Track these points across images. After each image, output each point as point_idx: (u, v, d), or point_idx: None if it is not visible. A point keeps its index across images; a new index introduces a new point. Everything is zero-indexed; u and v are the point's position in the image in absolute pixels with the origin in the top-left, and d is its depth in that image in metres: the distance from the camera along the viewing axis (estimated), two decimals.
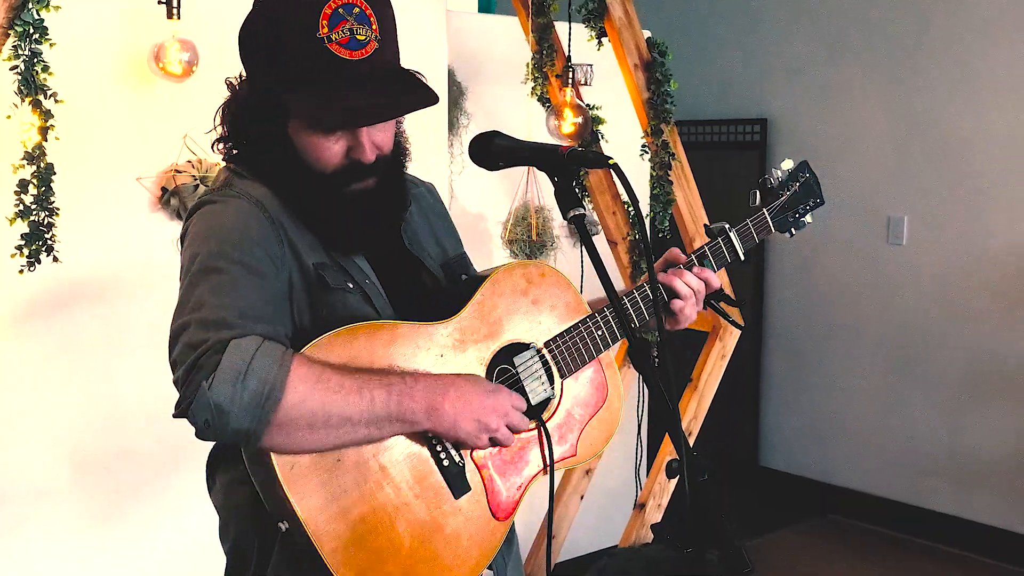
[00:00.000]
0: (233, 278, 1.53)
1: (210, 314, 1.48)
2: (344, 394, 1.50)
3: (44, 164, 2.59)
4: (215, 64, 3.13)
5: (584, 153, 1.59)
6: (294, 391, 1.46)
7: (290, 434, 1.48)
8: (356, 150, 1.63)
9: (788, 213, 2.04)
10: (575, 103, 3.56)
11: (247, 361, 1.43)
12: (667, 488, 3.82)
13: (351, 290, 1.65)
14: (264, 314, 1.53)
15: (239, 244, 1.56)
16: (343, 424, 1.50)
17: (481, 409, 1.61)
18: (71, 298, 3.03)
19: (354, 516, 1.57)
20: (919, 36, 4.84)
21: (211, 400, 1.42)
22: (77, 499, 3.10)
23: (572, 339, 1.80)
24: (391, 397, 1.53)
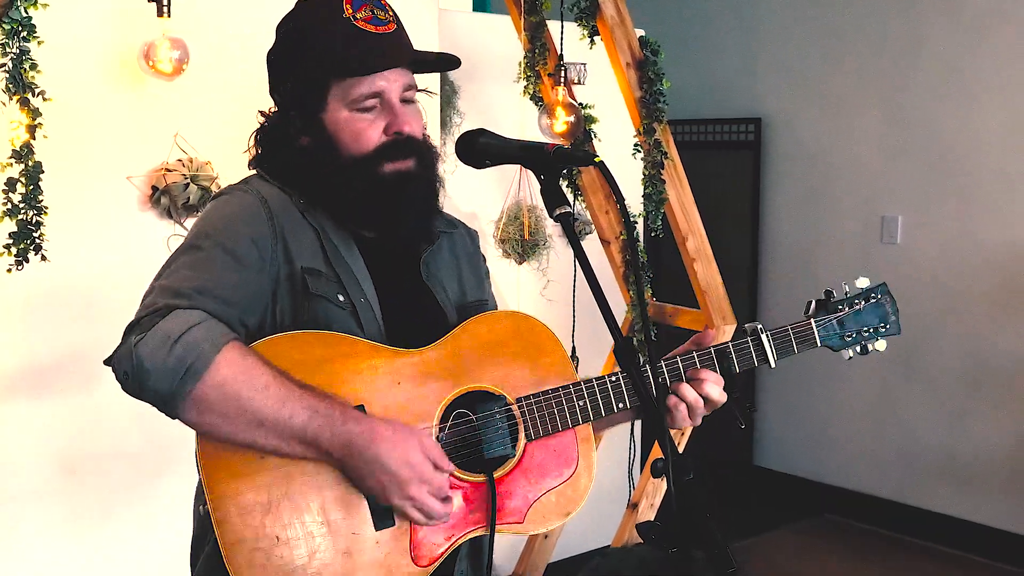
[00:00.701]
0: (209, 257, 1.58)
1: (172, 283, 1.55)
2: (265, 396, 1.50)
3: (32, 162, 2.58)
4: (206, 63, 3.12)
5: (570, 151, 1.58)
6: (216, 372, 1.48)
7: (202, 414, 1.50)
8: (394, 123, 1.67)
9: (846, 332, 1.90)
10: (567, 102, 3.55)
11: (183, 330, 1.47)
12: (660, 488, 3.81)
13: (339, 303, 1.65)
14: (225, 296, 1.56)
15: (226, 229, 1.62)
16: (254, 426, 1.50)
17: (392, 477, 1.54)
18: (60, 297, 3.01)
19: (261, 519, 1.54)
20: (912, 36, 4.83)
21: (134, 355, 1.47)
22: (66, 500, 3.09)
23: (548, 401, 1.71)
24: (310, 424, 1.52)
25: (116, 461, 3.17)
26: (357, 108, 1.66)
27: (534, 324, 1.76)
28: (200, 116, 3.19)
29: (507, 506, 1.68)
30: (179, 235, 3.17)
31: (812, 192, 5.28)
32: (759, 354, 1.83)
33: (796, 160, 5.35)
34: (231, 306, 1.56)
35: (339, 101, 1.66)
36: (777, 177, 5.43)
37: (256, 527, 1.54)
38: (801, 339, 1.88)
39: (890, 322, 1.93)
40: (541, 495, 1.71)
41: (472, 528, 1.66)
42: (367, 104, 1.67)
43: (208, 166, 3.16)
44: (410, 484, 1.55)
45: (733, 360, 1.80)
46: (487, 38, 4.09)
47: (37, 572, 3.05)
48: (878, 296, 1.92)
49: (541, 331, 1.76)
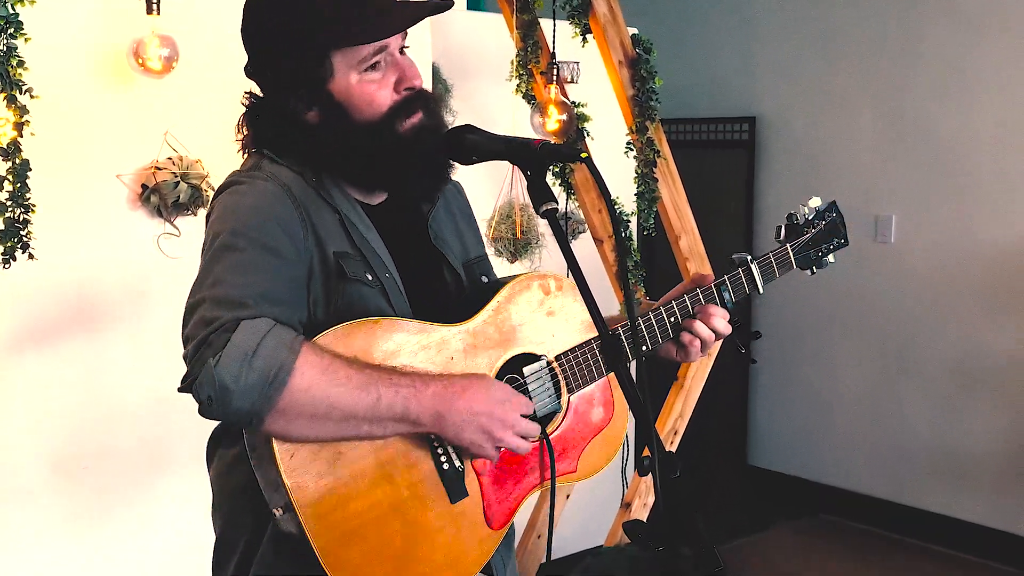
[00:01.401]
0: (252, 258, 1.53)
1: (225, 292, 1.49)
2: (350, 388, 1.49)
3: (20, 160, 2.57)
4: (195, 60, 3.11)
5: (556, 147, 1.57)
6: (301, 377, 1.45)
7: (291, 421, 1.47)
8: (404, 78, 1.65)
9: (811, 251, 2.04)
10: (560, 100, 3.54)
11: (257, 342, 1.43)
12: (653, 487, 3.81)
13: (369, 283, 1.64)
14: (280, 297, 1.53)
15: (261, 225, 1.56)
16: (346, 418, 1.50)
17: (489, 420, 1.59)
18: (47, 296, 3.00)
19: (350, 511, 1.55)
20: (908, 35, 4.83)
21: (216, 377, 1.41)
22: (58, 499, 3.08)
23: (583, 354, 1.78)
24: (397, 397, 1.52)
25: (110, 460, 3.16)
26: (364, 69, 1.62)
27: (562, 282, 1.81)
28: (190, 114, 3.18)
29: (562, 458, 1.77)
30: (169, 233, 3.15)
31: (806, 191, 5.25)
32: (749, 283, 1.95)
33: (790, 159, 5.34)
34: (287, 306, 1.53)
35: (345, 66, 1.61)
36: (771, 176, 5.43)
37: (343, 519, 1.55)
38: (781, 264, 2.00)
39: (842, 236, 2.08)
40: (588, 443, 1.82)
41: (533, 484, 1.74)
42: (375, 61, 1.62)
43: (198, 164, 3.14)
44: (506, 414, 1.60)
45: (731, 292, 1.92)
46: (480, 36, 4.08)
47: (33, 572, 3.04)
48: (833, 214, 2.06)
49: (568, 288, 1.81)
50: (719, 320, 1.88)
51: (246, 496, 1.62)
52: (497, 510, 1.70)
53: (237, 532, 1.68)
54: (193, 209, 3.14)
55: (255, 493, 1.58)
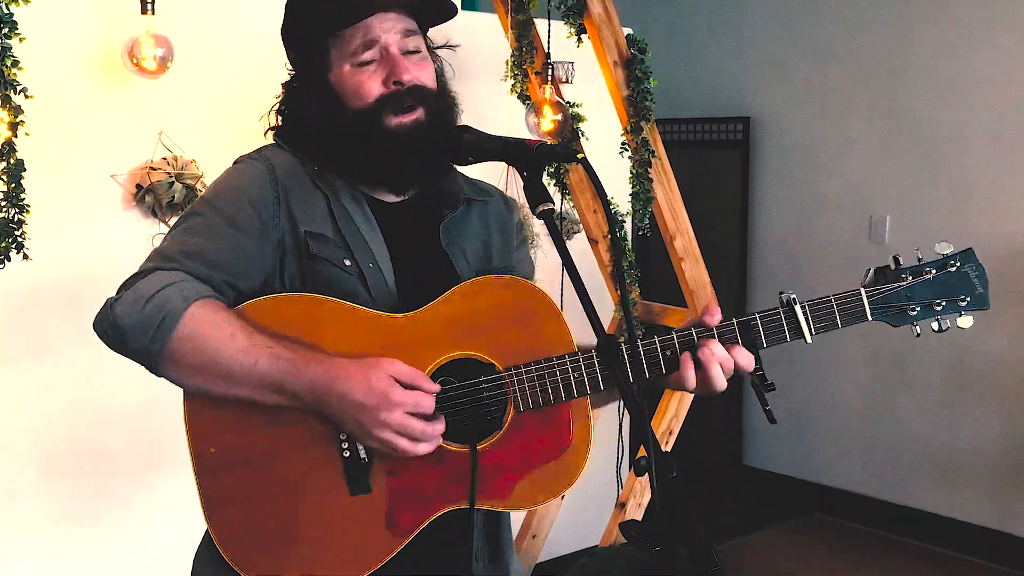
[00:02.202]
0: (207, 222, 1.61)
1: (164, 248, 1.59)
2: (230, 347, 1.51)
3: (14, 160, 2.56)
4: (190, 60, 3.11)
5: (552, 147, 1.56)
6: (184, 325, 1.50)
7: (178, 368, 1.53)
8: (393, 72, 1.65)
9: (910, 304, 1.66)
10: (555, 100, 3.54)
11: (158, 289, 1.51)
12: (648, 487, 3.81)
13: (346, 268, 1.63)
14: (218, 261, 1.58)
15: (228, 197, 1.63)
16: (224, 377, 1.53)
17: (363, 412, 1.49)
18: (42, 296, 3.00)
19: (238, 473, 1.56)
20: (902, 36, 4.83)
21: (110, 313, 1.53)
22: (48, 500, 3.07)
23: (541, 373, 1.60)
24: (273, 368, 1.51)
25: (98, 461, 3.15)
26: (357, 63, 1.65)
27: (534, 291, 1.65)
28: (185, 114, 3.18)
29: (491, 480, 1.60)
30: (163, 234, 3.15)
31: (801, 191, 5.28)
32: (792, 327, 1.62)
33: (785, 159, 5.35)
34: (218, 269, 1.57)
35: (339, 58, 1.66)
36: (766, 176, 5.43)
37: (236, 486, 1.56)
38: (846, 310, 1.64)
39: (975, 294, 1.68)
40: (529, 471, 1.61)
41: (453, 501, 1.59)
42: (365, 57, 1.64)
43: (193, 164, 3.14)
44: (379, 410, 1.48)
45: (760, 333, 1.62)
46: (475, 36, 4.07)
47: (26, 573, 3.03)
48: (958, 264, 1.67)
49: (541, 299, 1.64)
50: (740, 352, 1.62)
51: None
52: (403, 516, 1.58)
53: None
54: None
55: None
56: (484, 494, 1.60)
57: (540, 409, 1.61)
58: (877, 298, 1.63)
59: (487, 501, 1.61)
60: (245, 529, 1.57)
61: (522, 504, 1.63)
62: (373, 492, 1.57)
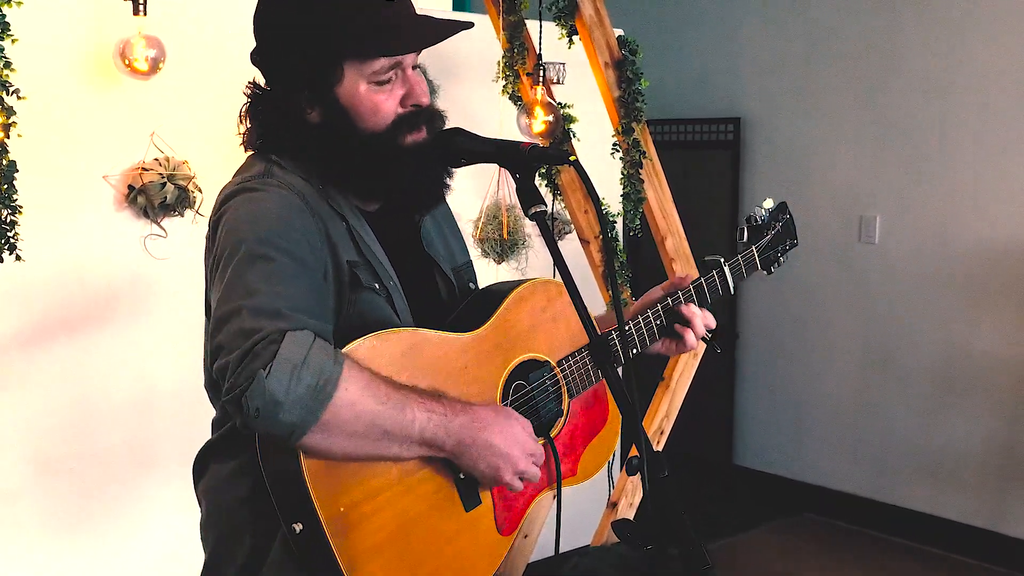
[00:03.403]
0: (282, 267, 1.50)
1: (263, 303, 1.45)
2: (389, 407, 1.48)
3: (6, 161, 2.56)
4: (182, 61, 3.11)
5: (545, 150, 1.58)
6: (345, 391, 1.43)
7: (330, 436, 1.45)
8: (411, 94, 1.64)
9: (771, 252, 2.10)
10: (546, 101, 3.55)
11: (304, 354, 1.41)
12: (639, 486, 3.82)
13: (377, 291, 1.63)
14: (312, 308, 1.50)
15: (286, 234, 1.54)
16: (381, 437, 1.49)
17: (503, 458, 1.61)
18: (35, 297, 3.00)
19: (373, 524, 1.55)
20: (892, 37, 4.85)
21: (267, 388, 1.38)
22: (41, 501, 3.07)
23: (583, 359, 1.82)
24: (429, 423, 1.53)
25: (92, 462, 3.15)
26: (376, 81, 1.61)
27: (559, 288, 1.83)
28: (177, 115, 3.18)
29: (563, 462, 1.80)
30: (156, 235, 3.15)
31: (791, 192, 5.29)
32: (723, 285, 2.01)
33: (775, 160, 5.37)
34: (319, 317, 1.51)
35: (356, 74, 1.60)
36: (756, 177, 5.45)
37: (368, 532, 1.54)
38: (748, 266, 2.07)
39: (794, 236, 2.15)
40: (586, 446, 1.86)
41: (539, 489, 1.77)
42: (386, 77, 1.62)
43: (185, 165, 3.14)
44: (520, 460, 1.63)
45: (706, 294, 1.98)
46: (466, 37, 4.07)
47: (17, 573, 3.03)
48: (787, 215, 2.13)
49: (564, 293, 1.74)
50: (707, 314, 1.96)
51: (246, 509, 1.61)
52: (506, 516, 1.72)
53: (235, 545, 1.65)
54: (180, 210, 3.14)
55: (258, 506, 1.56)
56: (562, 474, 1.79)
57: (586, 391, 1.85)
58: (761, 252, 2.08)
59: (565, 480, 1.80)
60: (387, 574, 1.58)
61: (587, 475, 1.87)
62: (483, 503, 1.69)
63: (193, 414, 2.50)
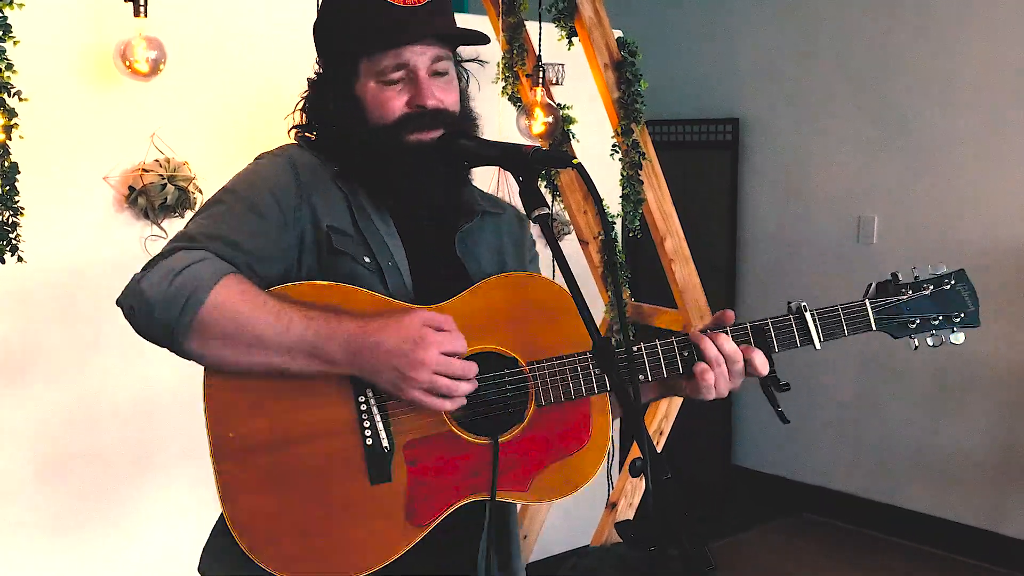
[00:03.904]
0: (229, 209, 1.62)
1: (187, 231, 1.60)
2: (262, 312, 1.51)
3: (8, 163, 2.56)
4: (182, 62, 3.11)
5: (548, 153, 1.59)
6: (216, 296, 1.50)
7: (205, 339, 1.51)
8: (417, 96, 1.67)
9: (908, 317, 1.75)
10: (545, 102, 3.55)
11: (185, 265, 1.51)
12: (638, 487, 3.82)
13: (366, 264, 1.64)
14: (240, 244, 1.58)
15: (249, 185, 1.65)
16: (256, 343, 1.51)
17: (400, 358, 1.50)
18: (36, 298, 3.00)
19: (260, 460, 1.54)
20: (890, 37, 4.86)
21: (137, 288, 1.51)
22: (41, 502, 3.07)
23: (563, 369, 1.64)
24: (308, 330, 1.51)
25: (90, 462, 3.15)
26: (384, 80, 1.68)
27: (556, 288, 1.68)
28: (177, 116, 3.18)
29: (511, 472, 1.62)
30: (156, 236, 3.16)
31: (790, 192, 5.31)
32: (802, 333, 1.73)
33: (774, 160, 5.37)
34: (242, 252, 1.58)
35: (368, 72, 1.68)
36: (755, 177, 5.46)
37: (254, 473, 1.55)
38: (852, 320, 1.74)
39: (967, 312, 1.78)
40: (548, 464, 1.65)
41: (473, 492, 1.62)
42: (393, 76, 1.67)
43: (185, 166, 3.14)
44: (416, 351, 1.50)
45: (773, 337, 1.72)
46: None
47: (14, 573, 3.03)
48: (951, 283, 1.78)
49: (562, 296, 1.65)
50: (756, 353, 1.72)
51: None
52: (422, 505, 1.59)
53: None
54: (180, 211, 3.14)
55: None
56: (505, 485, 1.63)
57: (560, 404, 1.65)
58: (880, 309, 1.73)
59: (508, 492, 1.63)
60: (263, 517, 1.55)
61: (544, 496, 1.66)
62: (393, 481, 1.58)
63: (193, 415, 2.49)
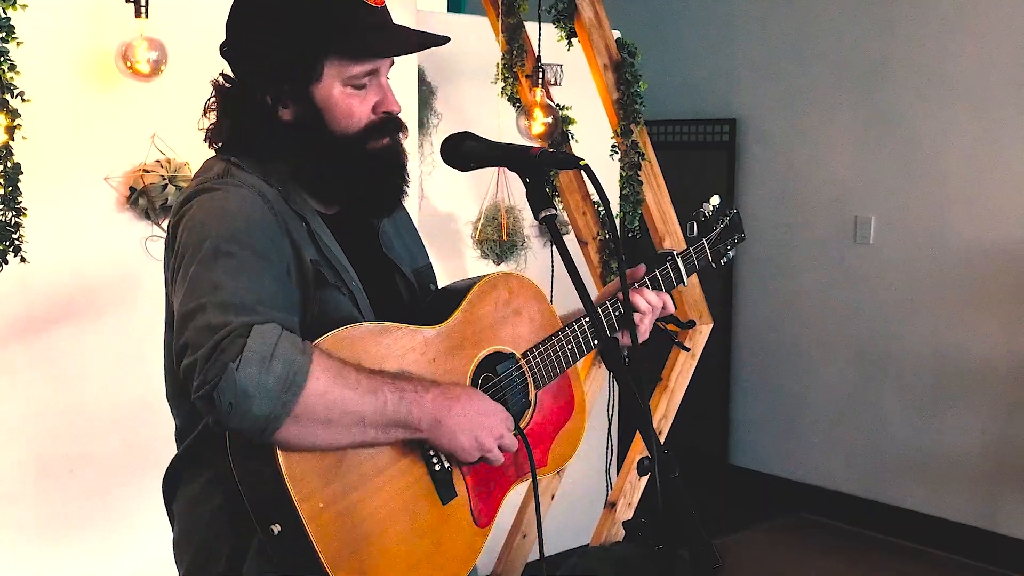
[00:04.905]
0: (245, 261, 1.50)
1: (228, 297, 1.45)
2: (361, 392, 1.49)
3: (11, 164, 2.57)
4: (184, 63, 3.11)
5: (555, 154, 1.60)
6: (316, 380, 1.43)
7: (305, 426, 1.44)
8: (383, 102, 1.67)
9: (719, 246, 2.15)
10: (545, 103, 3.56)
11: (272, 346, 1.40)
12: (637, 487, 3.84)
13: (342, 290, 1.65)
14: (277, 301, 1.51)
15: (249, 230, 1.54)
16: (356, 423, 1.49)
17: (480, 428, 1.62)
18: (38, 299, 3.00)
19: (354, 519, 1.56)
20: (886, 38, 4.88)
21: (237, 382, 1.38)
22: (41, 503, 3.07)
23: (547, 351, 1.83)
24: (402, 402, 1.53)
25: (91, 464, 3.15)
26: (354, 85, 1.64)
27: (522, 280, 1.88)
28: (178, 117, 3.18)
29: (535, 453, 1.80)
30: (157, 236, 3.16)
31: (787, 192, 5.32)
32: (676, 275, 2.04)
33: (771, 161, 5.39)
34: (285, 310, 1.52)
35: (334, 74, 1.62)
36: (752, 178, 5.47)
37: (348, 529, 1.55)
38: (700, 258, 2.10)
39: (741, 231, 2.21)
40: (555, 436, 1.87)
41: (512, 481, 1.79)
42: (363, 82, 1.65)
43: (186, 167, 3.15)
44: (498, 425, 1.65)
45: (661, 284, 2.01)
46: (464, 39, 4.09)
47: (15, 574, 3.03)
48: (734, 211, 2.20)
49: (528, 287, 1.88)
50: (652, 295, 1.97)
51: (222, 519, 1.61)
52: (483, 508, 1.74)
53: (212, 559, 1.65)
54: None
55: (234, 514, 1.56)
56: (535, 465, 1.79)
57: (552, 382, 1.86)
58: (710, 244, 2.12)
59: (538, 471, 1.81)
60: (371, 569, 1.57)
61: (557, 465, 1.89)
62: (459, 495, 1.69)
63: None
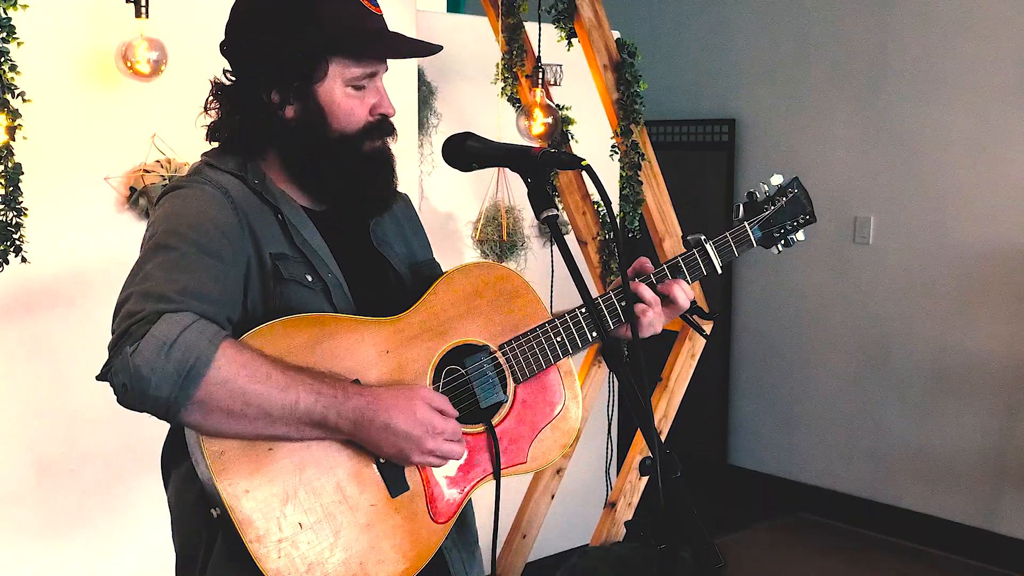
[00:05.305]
0: (184, 255, 1.55)
1: (153, 287, 1.51)
2: (268, 386, 1.49)
3: (12, 164, 2.57)
4: (184, 63, 3.11)
5: (557, 154, 1.60)
6: (218, 370, 1.46)
7: (207, 414, 1.48)
8: (380, 105, 1.70)
9: (774, 228, 1.95)
10: (545, 103, 3.56)
11: (177, 333, 1.45)
12: (637, 487, 3.84)
13: (309, 284, 1.65)
14: (209, 295, 1.53)
15: (196, 225, 1.59)
16: (260, 416, 1.50)
17: (405, 439, 1.58)
18: (39, 298, 3.00)
19: (281, 510, 1.55)
20: (885, 40, 4.88)
21: (131, 364, 1.44)
22: (42, 502, 3.07)
23: (529, 343, 1.76)
24: (317, 405, 1.53)
25: (92, 463, 3.16)
26: (355, 86, 1.68)
27: (502, 271, 1.81)
28: (178, 117, 3.18)
29: (509, 450, 1.74)
30: None
31: None
32: (706, 263, 1.87)
33: (770, 161, 5.39)
34: (216, 304, 1.54)
35: (336, 75, 1.66)
36: (751, 178, 5.47)
37: (278, 518, 1.55)
38: (739, 242, 1.91)
39: (808, 212, 2.00)
40: (538, 433, 1.78)
41: (480, 477, 1.72)
42: (364, 83, 1.69)
43: (186, 167, 3.15)
44: (424, 439, 1.59)
45: (685, 273, 1.85)
46: (464, 39, 4.10)
47: (15, 574, 3.04)
48: (795, 190, 1.99)
49: (510, 276, 1.81)
50: (678, 290, 1.81)
51: (200, 508, 1.63)
52: (442, 504, 1.68)
53: (195, 546, 1.68)
54: None
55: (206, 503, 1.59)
56: (506, 463, 1.74)
57: (535, 376, 1.77)
58: (755, 228, 1.93)
59: (512, 468, 1.75)
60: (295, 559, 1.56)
61: (543, 463, 1.79)
62: (411, 488, 1.65)
63: None
